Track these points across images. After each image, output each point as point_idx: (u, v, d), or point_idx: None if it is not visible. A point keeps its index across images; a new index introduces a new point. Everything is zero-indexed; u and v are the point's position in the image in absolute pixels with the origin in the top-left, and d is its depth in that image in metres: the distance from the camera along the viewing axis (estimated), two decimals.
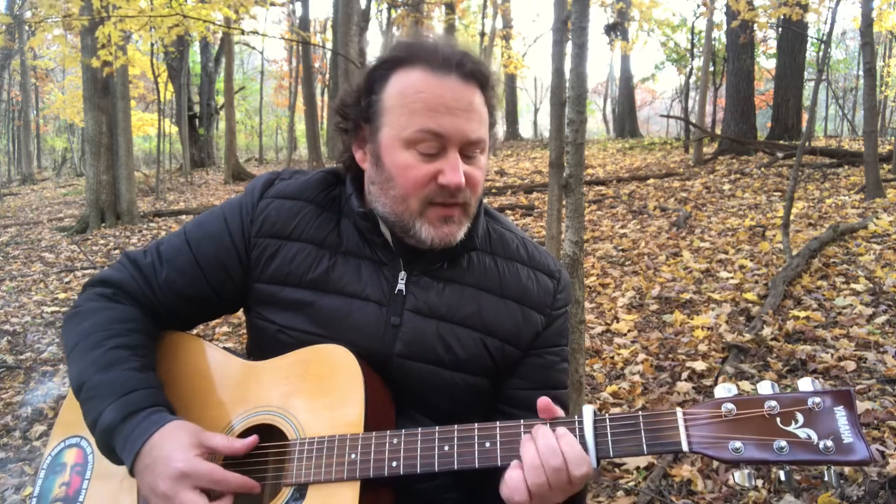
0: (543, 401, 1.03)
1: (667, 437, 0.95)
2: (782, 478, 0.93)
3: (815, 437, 0.89)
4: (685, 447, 0.93)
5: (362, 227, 1.20)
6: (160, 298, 1.23)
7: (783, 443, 0.89)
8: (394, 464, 1.04)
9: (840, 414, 0.89)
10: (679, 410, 0.95)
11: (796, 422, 0.90)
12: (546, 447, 0.97)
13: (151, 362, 1.18)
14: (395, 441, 1.05)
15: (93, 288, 1.25)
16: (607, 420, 0.99)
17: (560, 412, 1.03)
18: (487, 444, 1.03)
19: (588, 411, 1.00)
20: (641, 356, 3.94)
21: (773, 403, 0.91)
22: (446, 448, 1.03)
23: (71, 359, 1.17)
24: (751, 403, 0.93)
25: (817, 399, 0.90)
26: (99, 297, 1.23)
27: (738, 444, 0.91)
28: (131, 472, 1.07)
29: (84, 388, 1.12)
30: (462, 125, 1.10)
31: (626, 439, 0.97)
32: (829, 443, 0.88)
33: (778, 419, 0.91)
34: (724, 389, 0.96)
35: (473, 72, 1.12)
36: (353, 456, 1.05)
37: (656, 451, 0.97)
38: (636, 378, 3.67)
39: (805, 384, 0.93)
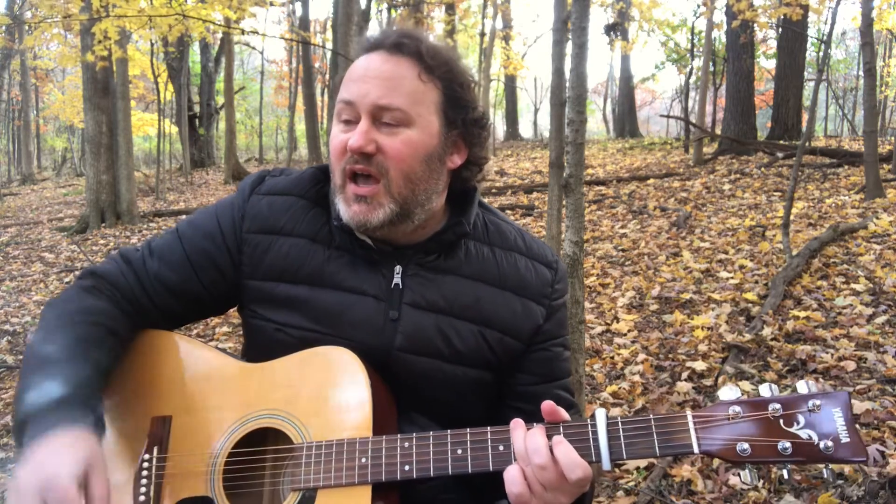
0: (547, 406, 1.02)
1: (678, 439, 0.97)
2: (785, 476, 0.96)
3: (815, 437, 0.92)
4: (696, 449, 0.95)
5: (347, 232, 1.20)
6: (150, 294, 1.22)
7: (787, 444, 0.93)
8: (406, 468, 1.03)
9: (838, 415, 0.92)
10: (689, 413, 0.97)
11: (798, 423, 0.93)
12: (533, 448, 0.98)
13: (102, 359, 1.13)
14: (406, 445, 1.04)
15: (79, 280, 1.24)
16: (620, 423, 0.99)
17: (565, 415, 1.02)
18: (501, 448, 1.02)
19: (601, 415, 1.00)
20: (641, 356, 3.94)
21: (777, 406, 0.94)
22: (459, 451, 1.03)
23: (33, 339, 1.14)
24: (756, 406, 0.95)
25: (817, 401, 0.93)
26: (80, 289, 1.21)
27: (745, 445, 0.94)
28: (20, 444, 1.01)
29: (32, 357, 1.09)
30: (369, 90, 1.11)
31: (639, 442, 0.98)
32: (830, 443, 0.91)
33: (781, 421, 0.94)
34: (728, 392, 0.98)
35: (398, 43, 1.12)
36: (363, 460, 1.04)
37: (668, 454, 0.99)
38: (636, 378, 3.66)
39: (802, 387, 0.96)
